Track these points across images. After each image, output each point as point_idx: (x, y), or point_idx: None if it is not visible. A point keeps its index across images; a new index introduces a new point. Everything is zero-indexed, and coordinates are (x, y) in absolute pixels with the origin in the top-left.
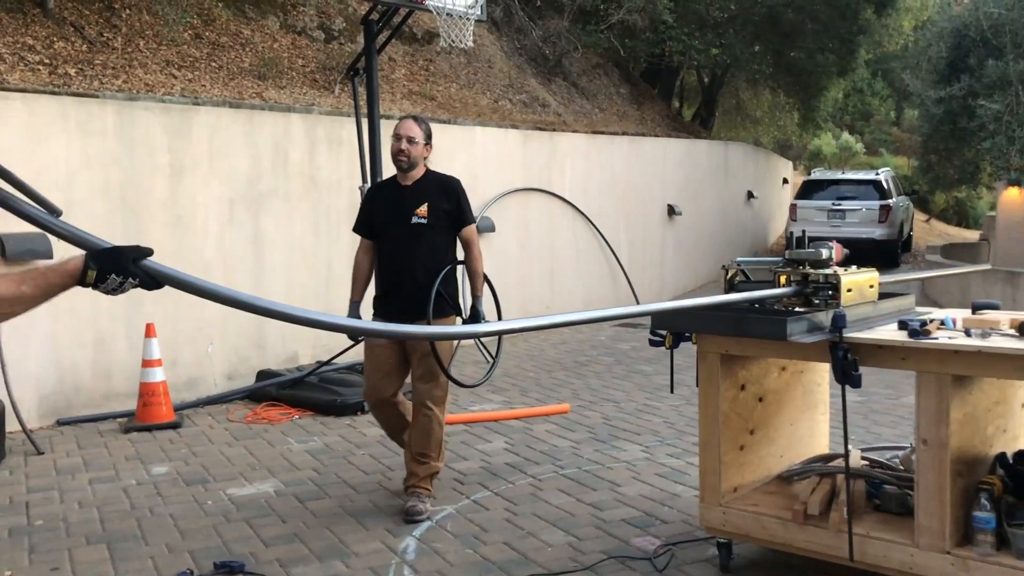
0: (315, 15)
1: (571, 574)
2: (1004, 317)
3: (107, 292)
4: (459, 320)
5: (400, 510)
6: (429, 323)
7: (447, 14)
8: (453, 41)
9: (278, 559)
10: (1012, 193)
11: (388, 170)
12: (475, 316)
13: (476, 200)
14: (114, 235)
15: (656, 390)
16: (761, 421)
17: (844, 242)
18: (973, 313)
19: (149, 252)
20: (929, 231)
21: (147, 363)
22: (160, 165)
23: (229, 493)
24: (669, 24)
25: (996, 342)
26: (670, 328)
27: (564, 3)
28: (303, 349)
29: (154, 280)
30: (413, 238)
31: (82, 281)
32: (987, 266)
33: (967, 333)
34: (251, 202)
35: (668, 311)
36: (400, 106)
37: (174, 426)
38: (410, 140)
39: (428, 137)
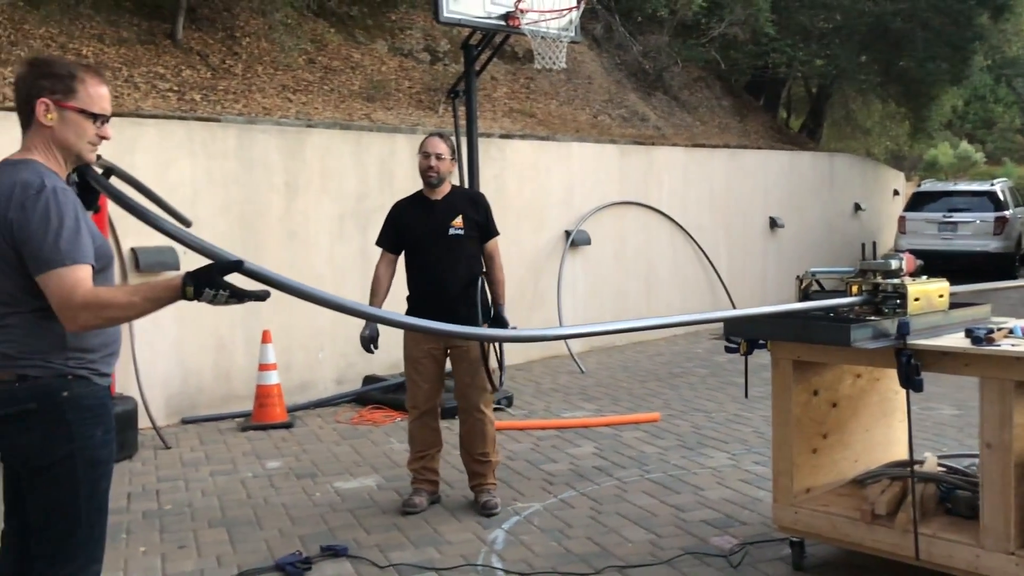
0: (421, 38)
1: (649, 567)
2: None
3: (211, 303)
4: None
5: (477, 509)
6: (481, 323)
7: (541, 37)
8: (547, 63)
9: (378, 545)
10: None
11: (488, 186)
12: (500, 322)
13: (572, 214)
14: (234, 248)
15: (748, 402)
16: (835, 426)
17: (956, 255)
18: None
19: (237, 265)
20: None
21: (263, 367)
22: (276, 184)
23: (336, 486)
24: (772, 36)
25: None
26: (743, 335)
27: (664, 18)
28: None
29: (239, 293)
30: (450, 249)
31: (184, 295)
32: None
33: None
34: (359, 218)
35: (736, 318)
36: (501, 124)
37: (287, 426)
38: (438, 157)
39: (453, 153)
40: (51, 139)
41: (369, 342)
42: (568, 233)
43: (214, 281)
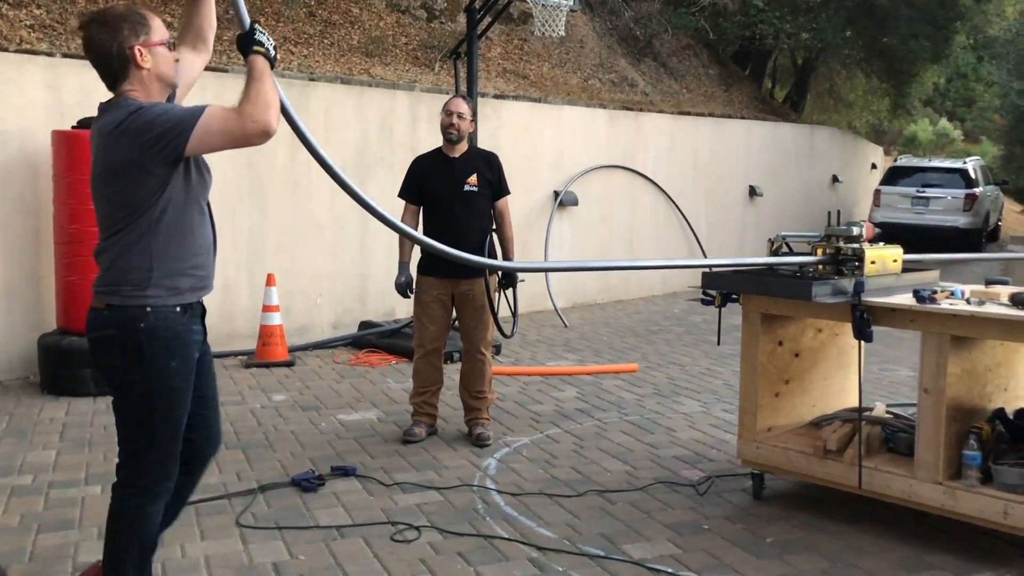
0: None
1: (625, 492)
2: (1005, 290)
3: (272, 47)
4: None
5: (471, 440)
6: (488, 274)
7: (542, 4)
8: (547, 30)
9: (382, 467)
10: None
11: (483, 144)
12: (509, 275)
13: (562, 175)
14: (241, 194)
15: (721, 357)
16: (796, 374)
17: (927, 229)
18: (986, 287)
19: (252, 25)
20: (1023, 222)
21: (267, 308)
22: (282, 133)
23: (339, 418)
24: (760, 7)
25: (989, 309)
26: (718, 288)
27: None
28: (399, 303)
29: (253, 27)
30: (465, 204)
31: (263, 55)
32: None
33: (968, 302)
34: (360, 170)
35: (716, 270)
36: (495, 84)
37: (288, 364)
38: (460, 116)
39: (474, 114)
40: (149, 78)
41: (406, 287)
42: (557, 194)
43: (255, 30)
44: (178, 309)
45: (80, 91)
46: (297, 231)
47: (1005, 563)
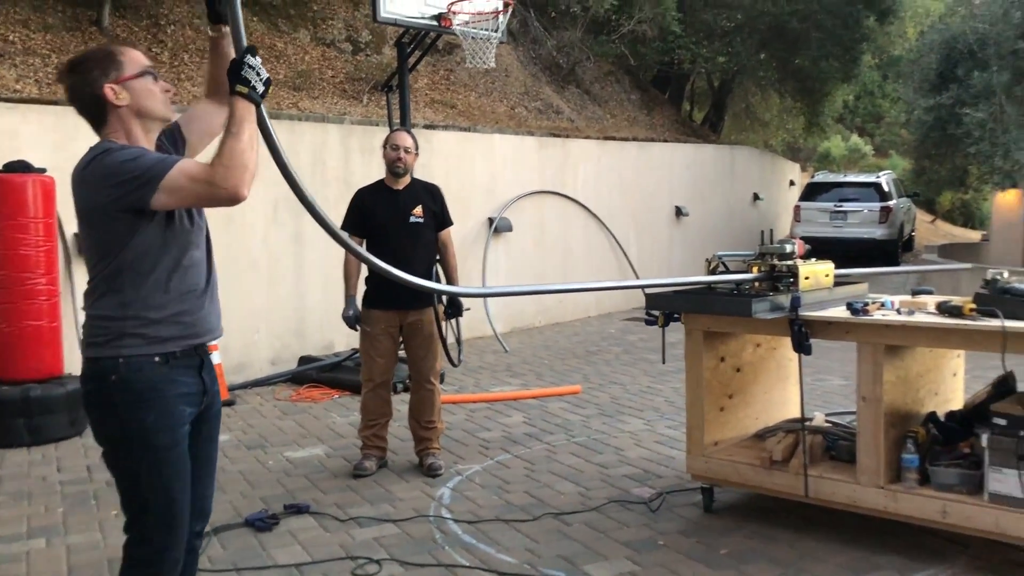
0: (343, 28)
1: (580, 513)
2: (932, 300)
3: (264, 82)
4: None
5: (423, 471)
6: (436, 303)
7: (472, 37)
8: (478, 63)
9: (336, 503)
10: (1007, 196)
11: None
12: (454, 304)
13: (495, 202)
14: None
15: (660, 375)
16: (739, 388)
17: (846, 242)
18: (913, 297)
19: (250, 49)
20: (934, 231)
21: None
22: None
23: (286, 455)
24: (678, 33)
25: (918, 318)
26: (662, 308)
27: (577, 14)
28: (339, 336)
29: (243, 52)
30: (411, 235)
31: (240, 94)
32: (968, 265)
33: (899, 312)
34: (294, 204)
35: (655, 288)
36: (423, 114)
37: (229, 403)
38: (406, 150)
39: (417, 147)
40: (128, 115)
41: (355, 320)
42: (491, 220)
43: (235, 67)
44: (157, 359)
45: (4, 135)
46: (231, 267)
47: (946, 560)
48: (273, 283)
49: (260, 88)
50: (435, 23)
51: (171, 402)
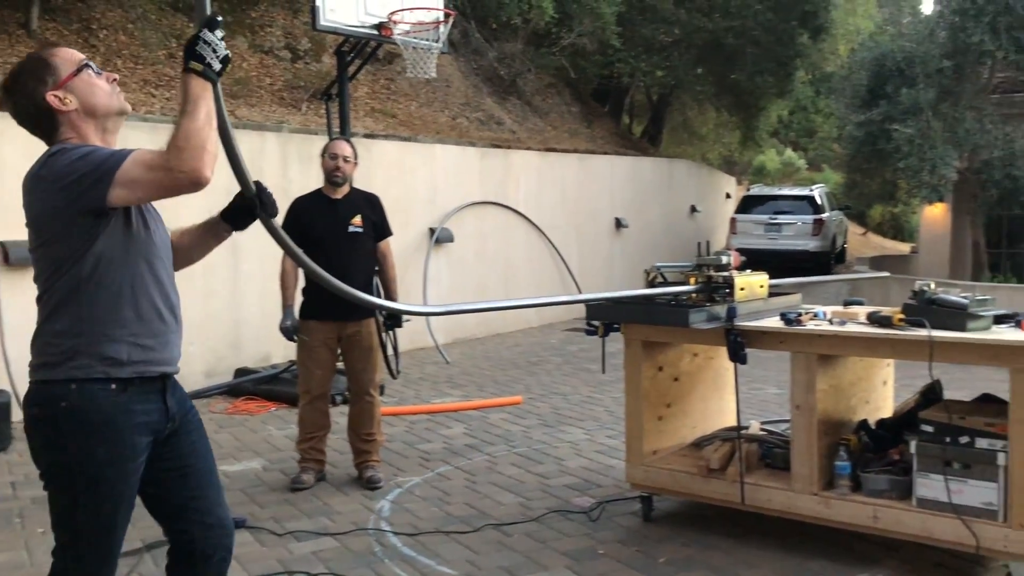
0: (282, 36)
1: (520, 524)
2: (863, 311)
3: (221, 59)
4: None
5: (362, 484)
6: (376, 316)
7: (412, 47)
8: (418, 72)
9: (273, 517)
10: (935, 210)
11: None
12: (394, 316)
13: (436, 212)
14: None
15: (600, 384)
16: (676, 397)
17: (780, 254)
18: (845, 308)
19: (212, 18)
20: (866, 244)
21: None
22: None
23: (222, 469)
24: (617, 47)
25: (850, 328)
26: (602, 319)
27: (518, 26)
28: (275, 349)
29: (204, 23)
30: (350, 245)
31: (195, 71)
32: (885, 274)
33: (831, 322)
34: None
35: (595, 302)
36: (363, 123)
37: None
38: (345, 159)
39: (356, 156)
40: (79, 118)
41: (292, 332)
42: (432, 231)
43: (190, 42)
44: (113, 386)
45: None
46: None
47: (877, 563)
48: (208, 294)
49: (216, 66)
50: (375, 32)
51: (126, 434)
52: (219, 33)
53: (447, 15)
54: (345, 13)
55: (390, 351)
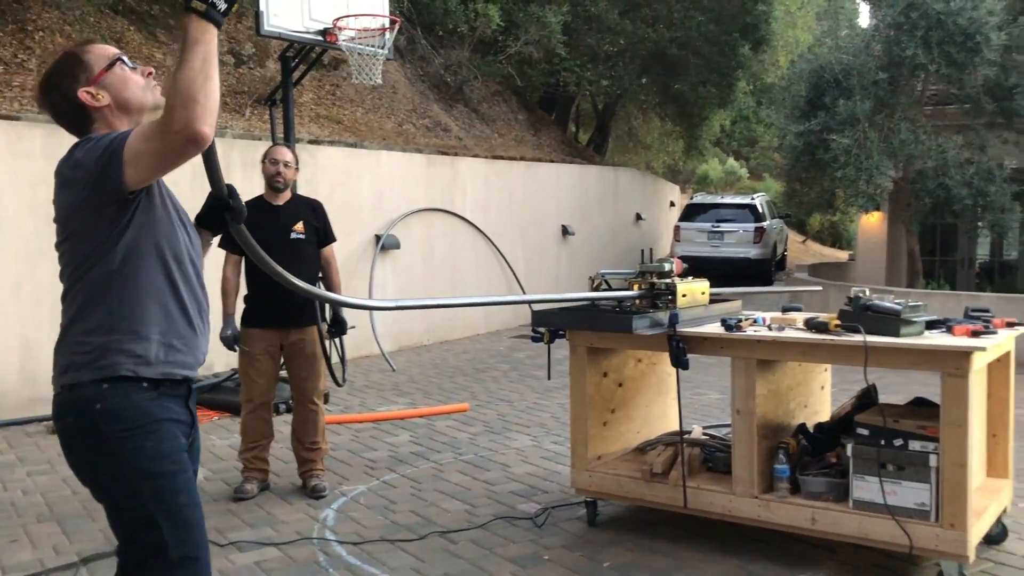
0: (225, 40)
1: (466, 531)
2: (800, 316)
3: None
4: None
5: (306, 493)
6: (319, 324)
7: (358, 53)
8: (364, 79)
9: (215, 528)
10: (871, 218)
11: (300, 190)
12: (338, 322)
13: (382, 219)
14: (41, 249)
15: (546, 391)
16: (621, 403)
17: (722, 261)
18: (783, 314)
19: None
20: (805, 251)
21: None
22: None
23: None
24: (563, 56)
25: (788, 334)
26: (547, 326)
27: (465, 34)
28: (217, 357)
29: None
30: (292, 252)
31: (200, 13)
32: (818, 288)
33: (769, 328)
34: None
35: (542, 302)
36: (308, 129)
37: None
38: (286, 164)
39: (297, 161)
40: (112, 114)
41: (233, 340)
42: (378, 237)
43: None
44: (145, 384)
45: None
46: None
47: (816, 564)
48: None
49: (221, 6)
50: (320, 38)
51: (167, 425)
52: None
53: (392, 22)
54: (289, 18)
55: (335, 359)
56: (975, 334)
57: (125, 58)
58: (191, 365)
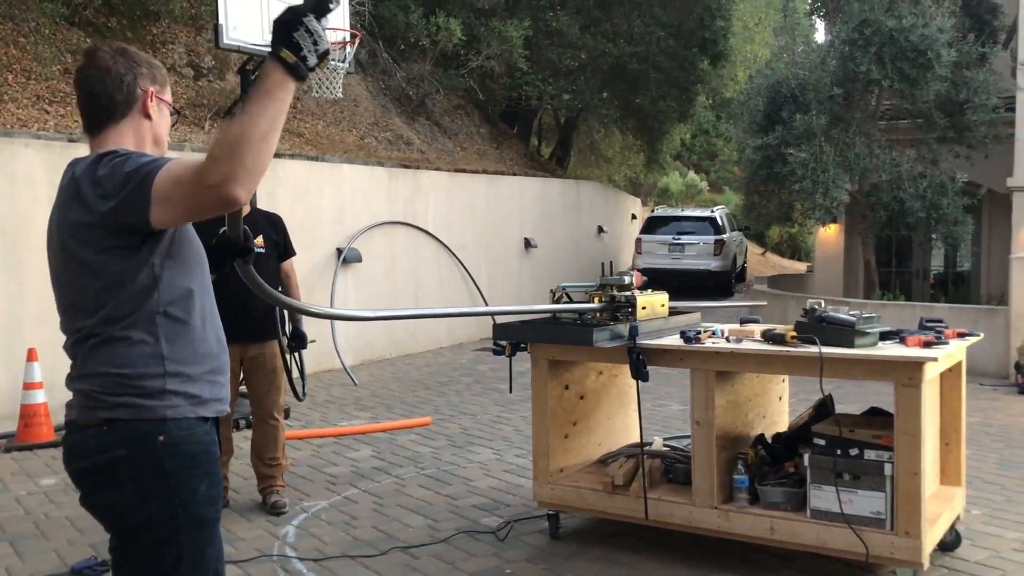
0: (184, 53)
1: (428, 546)
2: (758, 328)
3: (318, 54)
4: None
5: (266, 509)
6: (279, 338)
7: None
8: (325, 92)
9: None
10: (829, 231)
11: (260, 204)
12: (298, 336)
13: (344, 232)
14: None
15: (509, 404)
16: (582, 415)
17: (683, 273)
18: (741, 326)
19: (295, 5)
20: (765, 263)
21: (28, 386)
22: (40, 198)
23: None
24: (525, 70)
25: (746, 345)
26: (509, 339)
27: (426, 47)
28: None
29: (321, 5)
30: (252, 266)
31: (287, 66)
32: (763, 303)
33: (728, 340)
34: None
35: (505, 314)
36: None
37: (56, 445)
38: None
39: None
40: (148, 134)
41: None
42: (340, 251)
43: (290, 21)
44: (207, 422)
45: None
46: None
47: (776, 574)
48: None
49: (312, 61)
50: None
51: (217, 468)
52: (326, 22)
53: (353, 35)
54: (249, 31)
55: (296, 374)
56: (927, 345)
57: (177, 113)
58: (227, 397)
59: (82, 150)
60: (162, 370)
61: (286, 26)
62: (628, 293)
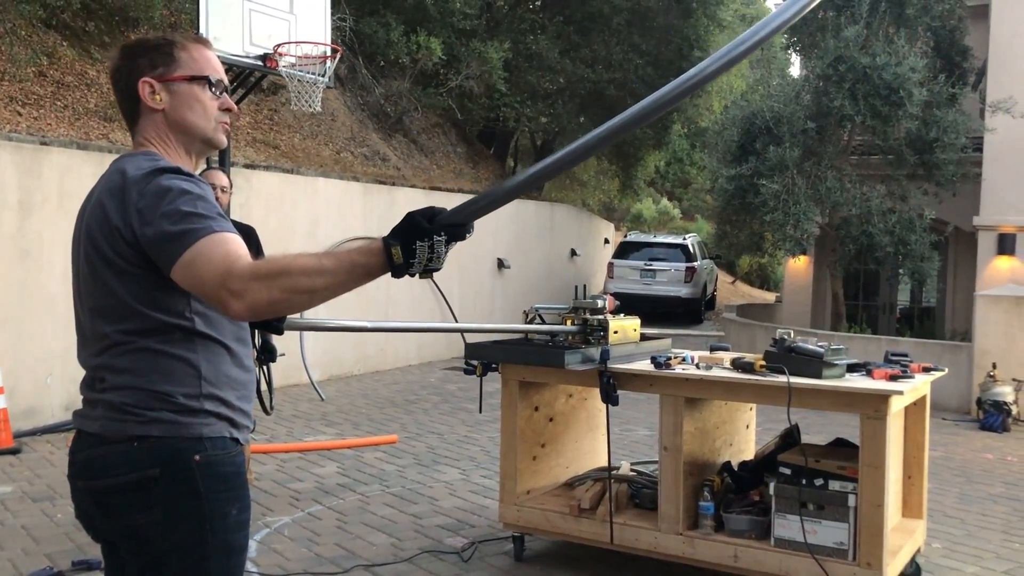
0: None
1: (391, 565)
2: (727, 356)
3: (425, 268)
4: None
5: None
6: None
7: (298, 80)
8: (303, 105)
9: None
10: (798, 262)
11: (234, 215)
12: (268, 350)
13: (316, 247)
14: None
15: (477, 424)
16: (551, 437)
17: (654, 299)
18: (711, 353)
19: (436, 209)
20: (734, 292)
21: None
22: (9, 201)
23: None
24: (503, 92)
25: (715, 373)
26: (480, 359)
27: (406, 65)
28: None
29: (458, 226)
30: None
31: (390, 261)
32: (721, 333)
33: (697, 367)
34: None
35: (476, 337)
36: (244, 153)
37: (14, 451)
38: (223, 189)
39: (231, 186)
40: (166, 126)
41: None
42: None
43: (424, 230)
44: (239, 444)
45: None
46: (24, 305)
47: None
48: (70, 324)
49: (415, 272)
50: (260, 63)
51: (247, 488)
52: (448, 248)
53: (334, 50)
54: (229, 42)
55: (263, 387)
56: (893, 378)
57: (214, 80)
58: (251, 427)
59: (54, 154)
60: (198, 391)
61: (415, 232)
62: (601, 317)
